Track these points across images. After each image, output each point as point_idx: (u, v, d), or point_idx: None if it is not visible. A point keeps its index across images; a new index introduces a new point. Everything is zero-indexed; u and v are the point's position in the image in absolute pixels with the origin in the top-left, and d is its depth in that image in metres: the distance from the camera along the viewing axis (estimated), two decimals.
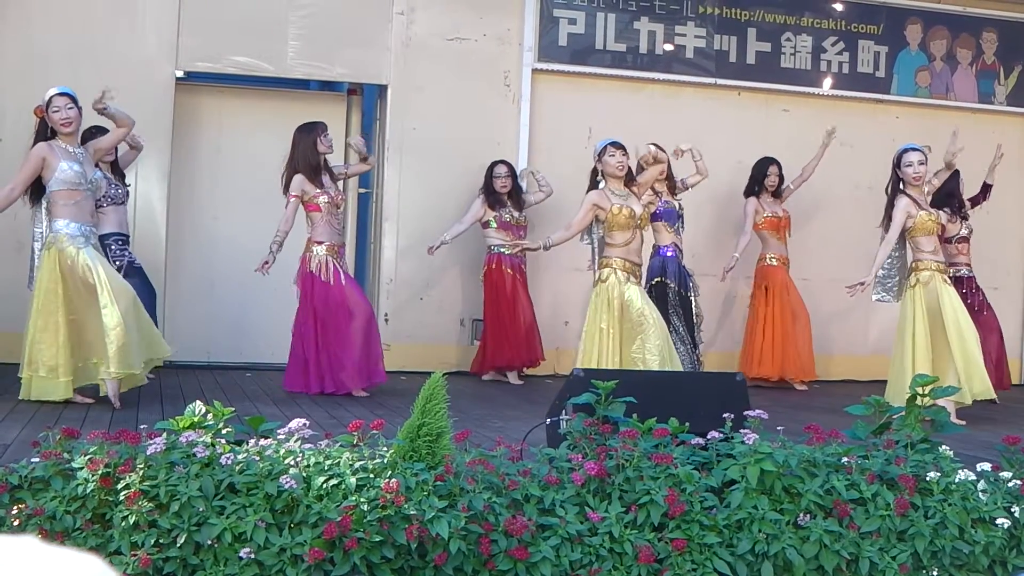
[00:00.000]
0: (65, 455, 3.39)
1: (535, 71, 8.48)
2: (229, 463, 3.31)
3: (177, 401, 5.65)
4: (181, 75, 8.12)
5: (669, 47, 8.78)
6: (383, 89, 8.42)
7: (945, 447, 3.92)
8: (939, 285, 6.29)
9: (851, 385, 8.30)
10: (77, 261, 5.58)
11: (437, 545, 3.24)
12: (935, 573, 3.62)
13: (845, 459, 3.78)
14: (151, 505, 3.20)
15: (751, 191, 8.20)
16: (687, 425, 3.82)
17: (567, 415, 4.15)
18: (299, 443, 3.47)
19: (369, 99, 8.83)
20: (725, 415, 3.79)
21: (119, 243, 6.79)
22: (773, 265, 8.23)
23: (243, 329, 8.34)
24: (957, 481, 3.74)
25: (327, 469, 3.35)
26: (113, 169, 6.91)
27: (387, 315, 8.20)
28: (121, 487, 3.24)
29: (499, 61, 8.45)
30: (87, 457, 3.31)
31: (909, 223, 6.35)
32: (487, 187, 7.89)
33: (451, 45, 8.38)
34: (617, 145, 6.33)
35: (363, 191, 8.78)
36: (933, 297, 6.27)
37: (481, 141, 8.30)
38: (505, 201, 7.91)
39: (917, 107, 9.25)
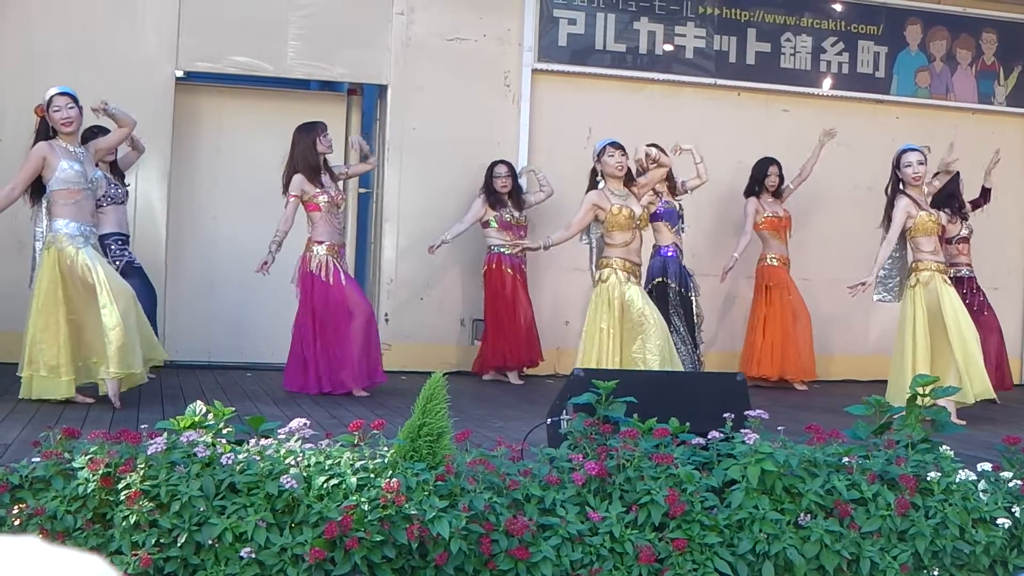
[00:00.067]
0: (66, 455, 3.39)
1: (535, 71, 8.48)
2: (230, 463, 3.31)
3: (177, 401, 5.65)
4: (181, 75, 8.13)
5: (669, 47, 8.78)
6: (383, 89, 8.42)
7: (946, 447, 3.92)
8: (939, 285, 6.29)
9: (851, 385, 8.30)
10: (76, 261, 5.58)
11: (438, 545, 3.24)
12: (936, 573, 3.62)
13: (846, 459, 3.78)
14: (152, 505, 3.20)
15: (751, 191, 8.20)
16: (688, 425, 3.82)
17: (568, 415, 4.15)
18: (300, 443, 3.47)
19: (369, 99, 8.83)
20: (725, 415, 3.79)
21: (119, 243, 6.80)
22: (774, 265, 8.23)
23: (243, 329, 8.34)
24: (958, 481, 3.74)
25: (328, 469, 3.35)
26: (112, 169, 6.91)
27: (387, 315, 8.20)
28: (122, 487, 3.24)
29: (499, 61, 8.45)
30: (88, 457, 3.31)
31: (909, 223, 6.35)
32: (487, 187, 7.90)
33: (451, 45, 8.38)
34: (616, 145, 6.32)
35: (363, 191, 8.78)
36: (933, 297, 6.27)
37: (481, 141, 8.30)
38: (505, 201, 7.92)
39: (917, 107, 9.24)
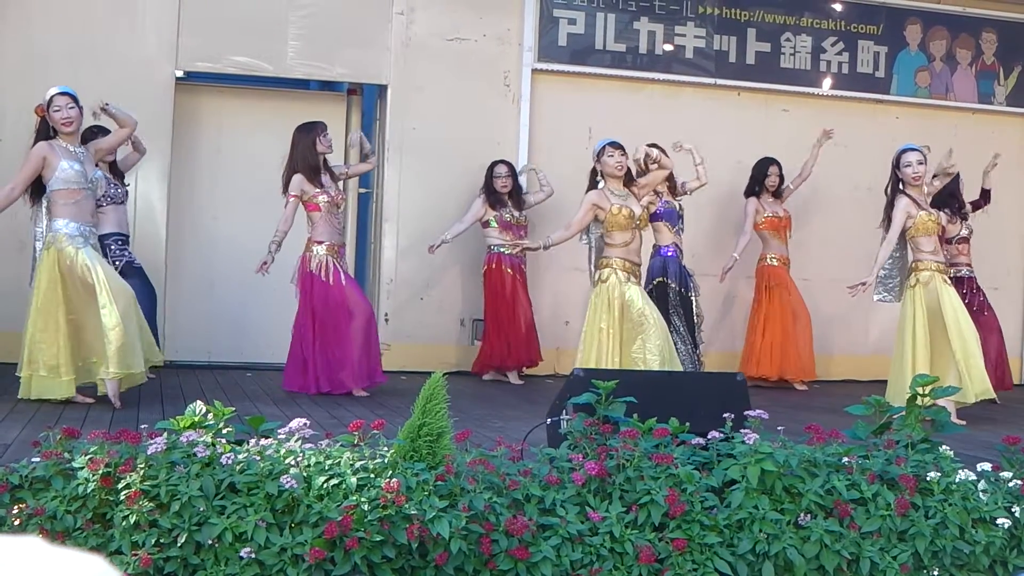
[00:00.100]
0: (66, 455, 3.39)
1: (535, 71, 8.48)
2: (230, 463, 3.31)
3: (177, 401, 5.65)
4: (181, 75, 8.13)
5: (669, 47, 8.78)
6: (383, 89, 8.42)
7: (945, 447, 3.92)
8: (939, 285, 6.29)
9: (851, 385, 8.30)
10: (76, 261, 5.58)
11: (438, 545, 3.24)
12: (936, 573, 3.62)
13: (846, 459, 3.78)
14: (152, 505, 3.20)
15: (751, 191, 8.20)
16: (687, 425, 3.82)
17: (567, 415, 4.15)
18: (300, 443, 3.47)
19: (369, 99, 8.83)
20: (725, 415, 3.79)
21: (119, 243, 6.80)
22: (774, 265, 8.23)
23: (243, 329, 8.34)
24: (958, 481, 3.74)
25: (328, 469, 3.35)
26: (112, 169, 6.91)
27: (387, 315, 8.20)
28: (122, 487, 3.24)
29: (499, 61, 8.45)
30: (88, 457, 3.31)
31: (909, 223, 6.35)
32: (487, 187, 7.89)
33: (451, 45, 8.38)
34: (616, 145, 6.32)
35: (363, 191, 8.77)
36: (933, 297, 6.27)
37: (481, 141, 8.30)
38: (505, 201, 7.91)
39: (917, 107, 9.24)
